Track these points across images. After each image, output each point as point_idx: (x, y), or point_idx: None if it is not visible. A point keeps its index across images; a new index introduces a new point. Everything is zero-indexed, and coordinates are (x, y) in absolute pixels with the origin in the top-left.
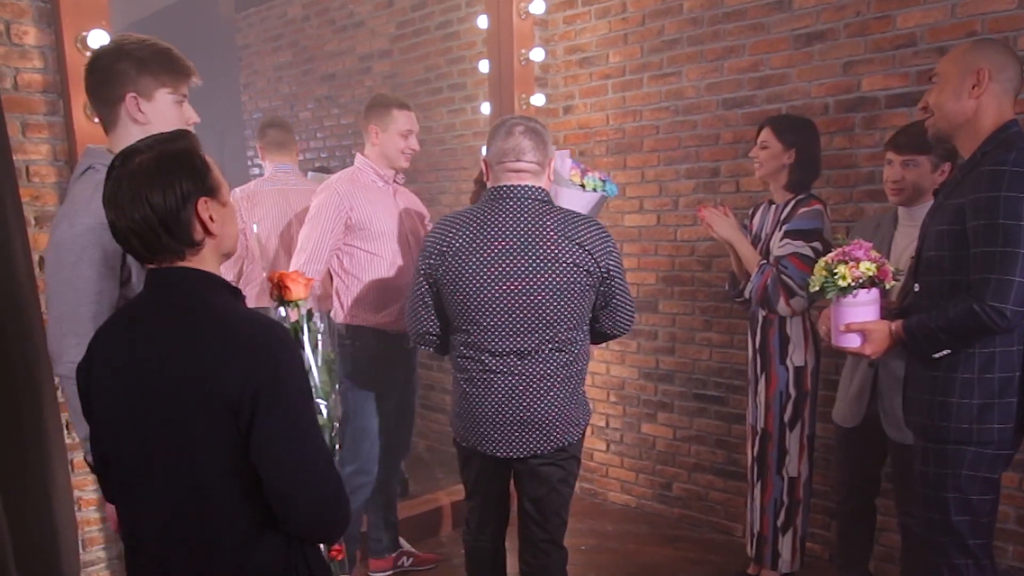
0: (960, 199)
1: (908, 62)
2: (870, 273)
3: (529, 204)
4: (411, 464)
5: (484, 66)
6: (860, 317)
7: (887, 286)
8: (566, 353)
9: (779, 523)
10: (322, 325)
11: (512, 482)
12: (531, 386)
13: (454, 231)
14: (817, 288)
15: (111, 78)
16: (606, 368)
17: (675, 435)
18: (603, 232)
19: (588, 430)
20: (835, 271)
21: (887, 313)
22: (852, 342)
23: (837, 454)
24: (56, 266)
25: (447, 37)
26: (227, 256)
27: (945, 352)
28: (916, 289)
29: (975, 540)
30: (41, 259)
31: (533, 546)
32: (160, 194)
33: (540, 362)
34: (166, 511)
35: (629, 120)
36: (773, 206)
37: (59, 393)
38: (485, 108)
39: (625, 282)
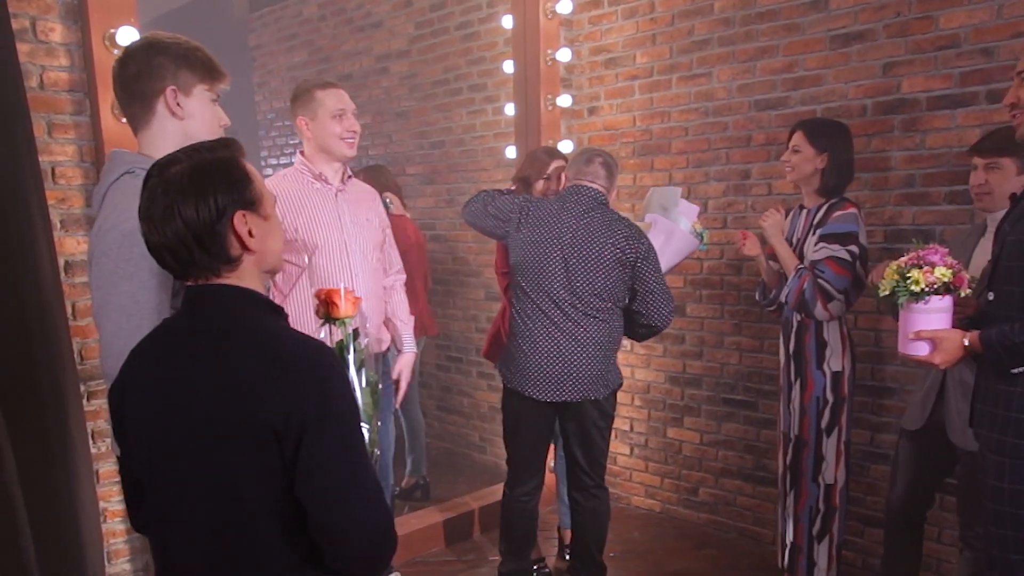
0: None
1: (951, 63)
2: (945, 279)
3: (593, 201)
4: (431, 467)
5: (508, 66)
6: (931, 325)
7: (962, 294)
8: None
9: (815, 531)
10: (366, 348)
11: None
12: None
13: (535, 204)
14: (887, 292)
15: (149, 71)
16: (631, 372)
17: (702, 439)
18: (640, 233)
19: (612, 433)
20: (908, 275)
21: (958, 322)
22: (920, 350)
23: (901, 459)
24: (111, 278)
25: (467, 38)
26: (271, 273)
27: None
28: (991, 298)
29: None
30: (67, 264)
31: (585, 491)
32: (193, 207)
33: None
34: (201, 544)
35: (657, 121)
36: (805, 211)
37: (85, 402)
38: (509, 109)
39: (659, 274)
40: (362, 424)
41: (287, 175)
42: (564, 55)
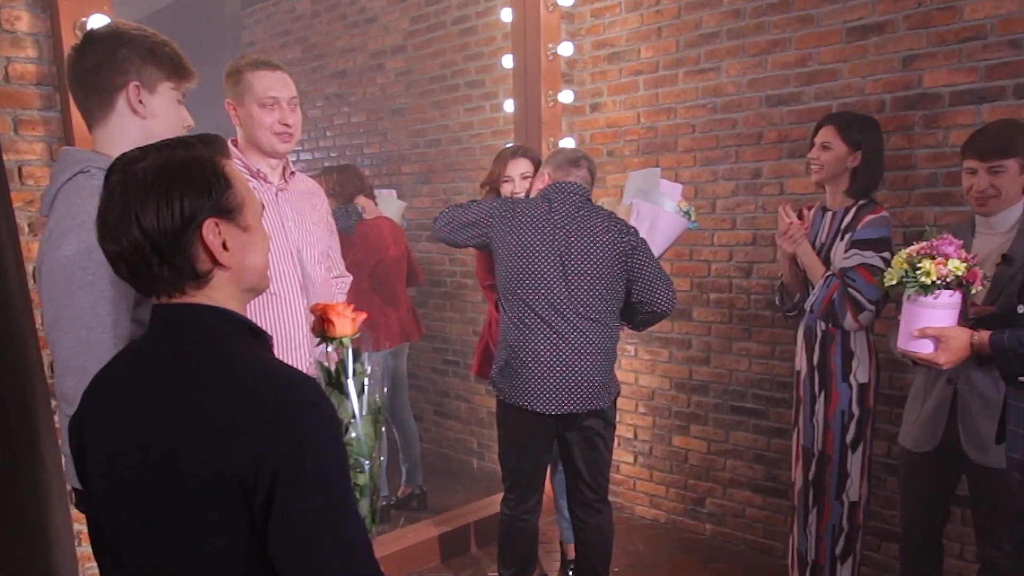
0: None
1: (976, 56)
2: (958, 273)
3: (581, 198)
4: (428, 473)
5: (508, 61)
6: (937, 321)
7: (973, 291)
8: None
9: (838, 551)
10: (369, 368)
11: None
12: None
13: (520, 205)
14: (894, 282)
15: (111, 63)
16: (635, 377)
17: (709, 448)
18: (626, 223)
19: (615, 441)
20: (919, 265)
21: (964, 321)
22: (924, 348)
23: (906, 481)
24: (67, 287)
25: (464, 32)
26: (253, 292)
27: None
28: (1021, 311)
29: None
30: (36, 270)
31: (588, 506)
32: (154, 211)
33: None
34: None
35: (662, 118)
36: (829, 213)
37: (57, 418)
38: (508, 105)
39: (654, 259)
40: (361, 458)
41: None
42: (566, 49)
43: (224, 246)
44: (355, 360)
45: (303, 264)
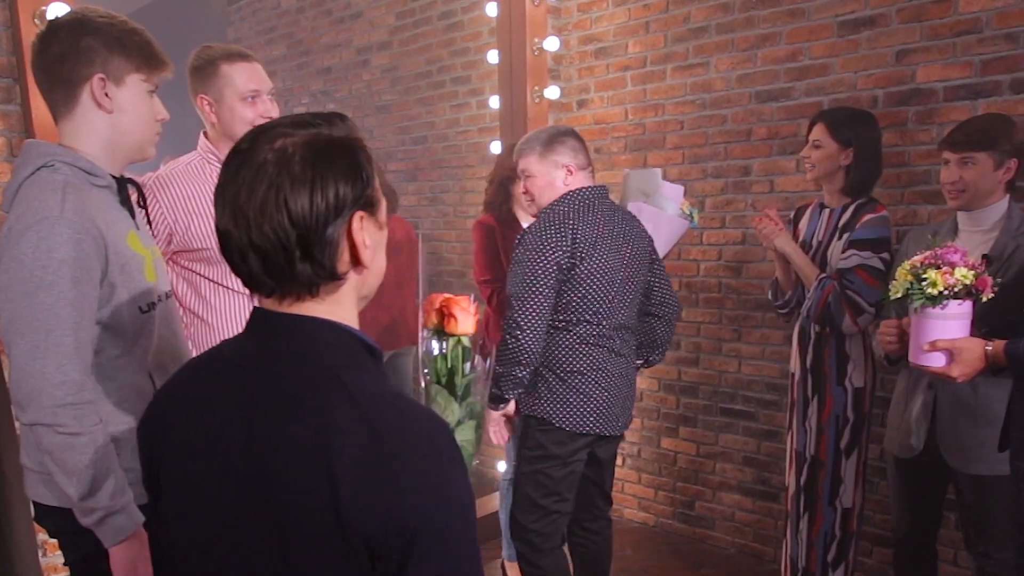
0: None
1: (971, 50)
2: (966, 282)
3: (608, 197)
4: None
5: (493, 57)
6: (948, 333)
7: (984, 299)
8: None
9: (830, 558)
10: (474, 372)
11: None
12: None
13: (574, 222)
14: (900, 295)
15: (76, 54)
16: None
17: (698, 451)
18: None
19: None
20: (924, 276)
21: (977, 331)
22: (936, 362)
23: (895, 487)
24: (25, 287)
25: (450, 28)
26: (366, 301)
27: None
28: None
29: None
30: None
31: (603, 519)
32: (306, 197)
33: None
34: None
35: (650, 115)
36: (826, 210)
37: (18, 425)
38: (494, 102)
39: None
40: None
41: (190, 165)
42: (552, 44)
43: (364, 243)
44: (465, 359)
45: None
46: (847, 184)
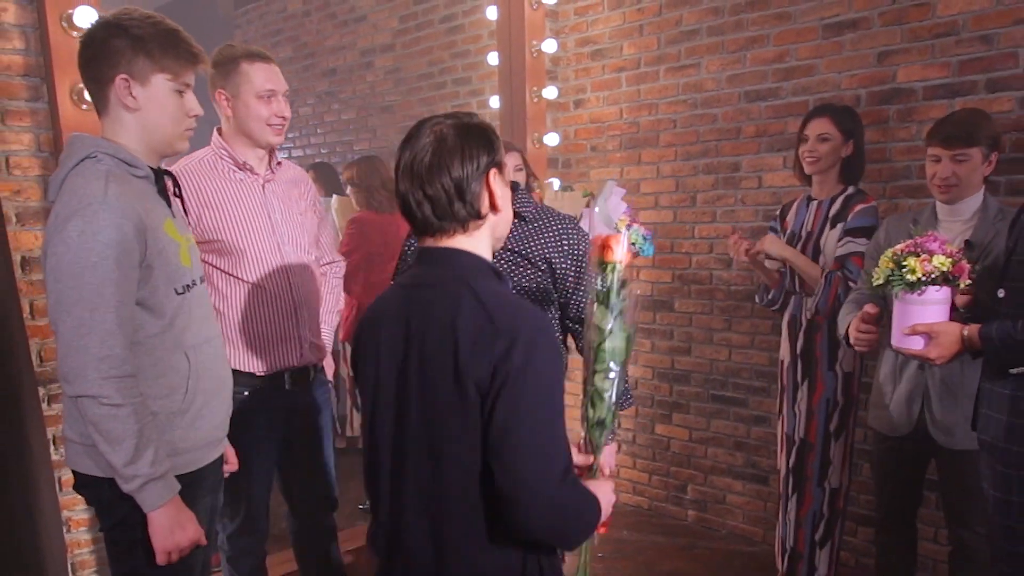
0: None
1: (949, 51)
2: (944, 268)
3: None
4: None
5: (493, 58)
6: (927, 317)
7: (961, 285)
8: None
9: (817, 537)
10: (627, 302)
11: None
12: None
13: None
14: (881, 281)
15: (103, 55)
16: None
17: (691, 436)
18: None
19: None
20: (904, 264)
21: (956, 316)
22: (915, 344)
23: (880, 465)
24: (71, 268)
25: (451, 31)
26: (500, 242)
27: None
28: (1001, 295)
29: None
30: (24, 260)
31: None
32: (460, 163)
33: None
34: (410, 495)
35: (644, 114)
36: (814, 203)
37: (45, 406)
38: (494, 102)
39: None
40: (611, 363)
41: (203, 161)
42: (550, 46)
43: (497, 192)
44: (622, 287)
45: (288, 256)
46: (844, 174)
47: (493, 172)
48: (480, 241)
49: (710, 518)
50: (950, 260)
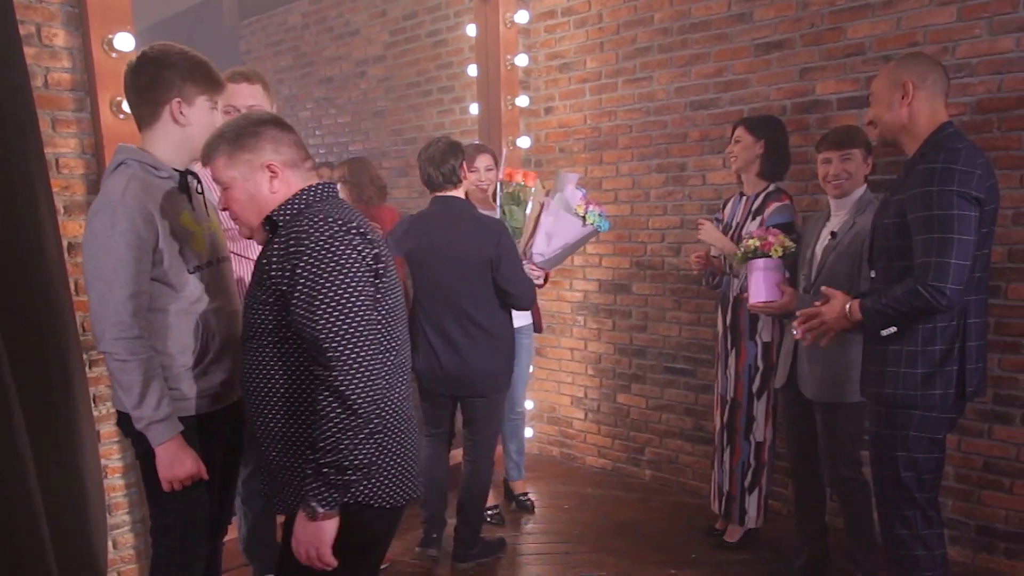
0: (902, 195)
1: (857, 69)
2: (754, 246)
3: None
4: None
5: (472, 70)
6: (758, 276)
7: (773, 255)
8: None
9: (746, 483)
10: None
11: None
12: None
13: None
14: (740, 257)
15: (159, 83)
16: (584, 344)
17: (647, 404)
18: None
19: (568, 400)
20: (741, 245)
21: (785, 281)
22: (756, 297)
23: (782, 419)
24: (96, 252)
25: (436, 44)
26: (472, 185)
27: (892, 330)
28: (872, 276)
29: (922, 494)
30: (70, 245)
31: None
32: (452, 160)
33: None
34: (455, 308)
35: (605, 120)
36: (744, 198)
37: (88, 369)
38: (474, 108)
39: None
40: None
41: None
42: (522, 60)
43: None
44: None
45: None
46: (761, 170)
47: (463, 163)
48: (460, 192)
49: (664, 476)
50: (757, 240)
